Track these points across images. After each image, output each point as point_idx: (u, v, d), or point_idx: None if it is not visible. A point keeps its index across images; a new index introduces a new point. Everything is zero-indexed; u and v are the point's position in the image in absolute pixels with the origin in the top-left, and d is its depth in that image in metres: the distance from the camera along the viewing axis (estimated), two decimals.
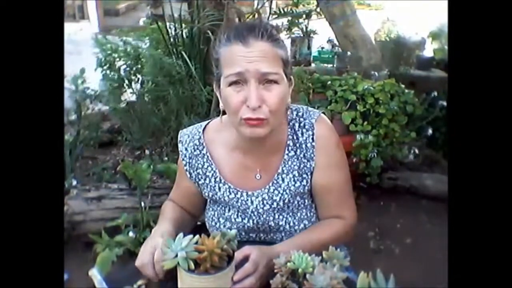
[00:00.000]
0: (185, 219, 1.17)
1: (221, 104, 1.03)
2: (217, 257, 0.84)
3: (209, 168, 1.11)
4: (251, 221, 1.10)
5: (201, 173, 1.12)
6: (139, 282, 0.98)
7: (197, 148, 1.12)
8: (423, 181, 2.74)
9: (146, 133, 2.73)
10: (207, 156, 1.11)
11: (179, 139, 1.14)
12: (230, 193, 1.10)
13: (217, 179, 1.10)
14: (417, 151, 2.75)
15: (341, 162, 1.11)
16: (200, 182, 1.13)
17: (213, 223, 1.15)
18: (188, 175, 1.13)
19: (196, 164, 1.12)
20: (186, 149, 1.12)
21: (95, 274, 0.96)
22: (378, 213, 2.62)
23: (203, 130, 1.13)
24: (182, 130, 1.16)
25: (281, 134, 1.07)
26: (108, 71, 2.75)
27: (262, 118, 0.96)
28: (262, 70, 0.94)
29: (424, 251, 2.27)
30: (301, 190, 1.08)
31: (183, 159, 1.13)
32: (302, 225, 1.11)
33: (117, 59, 2.76)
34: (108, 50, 2.70)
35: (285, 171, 1.08)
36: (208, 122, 1.15)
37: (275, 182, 1.08)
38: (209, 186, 1.12)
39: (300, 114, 1.09)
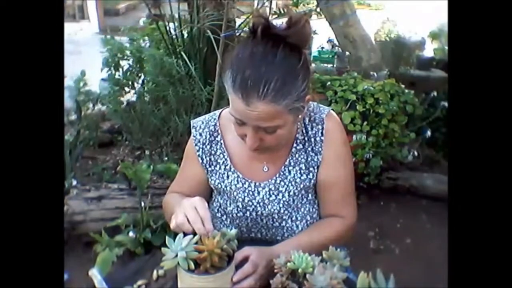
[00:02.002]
0: None
1: None
2: (217, 257, 0.84)
3: (221, 155, 1.12)
4: (254, 212, 1.11)
5: (212, 159, 1.13)
6: (139, 282, 0.98)
7: (212, 134, 1.13)
8: (423, 181, 2.74)
9: (146, 133, 2.73)
10: (221, 143, 1.12)
11: (192, 125, 1.14)
12: (238, 182, 1.10)
13: (227, 167, 1.11)
14: (416, 151, 2.74)
15: (347, 159, 1.12)
16: (210, 169, 1.13)
17: (218, 215, 1.16)
18: (200, 161, 1.13)
19: (210, 150, 1.13)
20: (200, 134, 1.13)
21: (95, 274, 0.96)
22: (378, 213, 2.62)
23: (219, 117, 1.14)
24: (194, 119, 1.17)
25: None
26: (113, 71, 2.74)
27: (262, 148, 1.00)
28: (261, 126, 0.94)
29: (424, 251, 2.27)
30: (307, 184, 1.09)
31: (196, 144, 1.13)
32: (304, 221, 1.11)
33: (120, 59, 2.75)
34: (114, 50, 2.69)
35: (292, 164, 1.09)
36: (223, 110, 1.15)
37: (281, 173, 1.09)
38: (218, 173, 1.12)
39: (310, 109, 1.10)
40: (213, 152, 1.13)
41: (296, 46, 0.92)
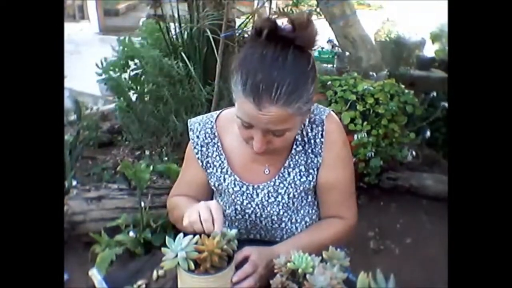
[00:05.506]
0: None
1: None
2: (217, 257, 0.84)
3: (218, 158, 1.11)
4: (253, 215, 1.10)
5: (210, 161, 1.12)
6: (139, 282, 0.98)
7: (209, 137, 1.12)
8: (423, 181, 2.74)
9: (146, 133, 2.73)
10: (218, 146, 1.11)
11: (189, 127, 1.14)
12: (235, 186, 1.10)
13: (224, 170, 1.11)
14: (416, 152, 2.74)
15: (348, 160, 1.12)
16: (208, 171, 1.13)
17: None
18: (200, 163, 1.13)
19: (207, 152, 1.12)
20: (197, 136, 1.13)
21: (95, 274, 0.96)
22: (378, 213, 2.61)
23: (216, 119, 1.13)
24: (191, 119, 1.16)
25: None
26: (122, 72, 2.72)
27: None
28: (272, 129, 0.93)
29: (424, 251, 2.27)
30: (307, 186, 1.09)
31: (194, 147, 1.13)
32: (303, 223, 1.11)
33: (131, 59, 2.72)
34: (129, 51, 2.65)
35: (292, 165, 1.08)
36: (221, 111, 1.15)
37: (281, 175, 1.09)
38: (215, 176, 1.12)
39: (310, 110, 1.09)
40: (210, 155, 1.12)
41: (304, 48, 0.91)
